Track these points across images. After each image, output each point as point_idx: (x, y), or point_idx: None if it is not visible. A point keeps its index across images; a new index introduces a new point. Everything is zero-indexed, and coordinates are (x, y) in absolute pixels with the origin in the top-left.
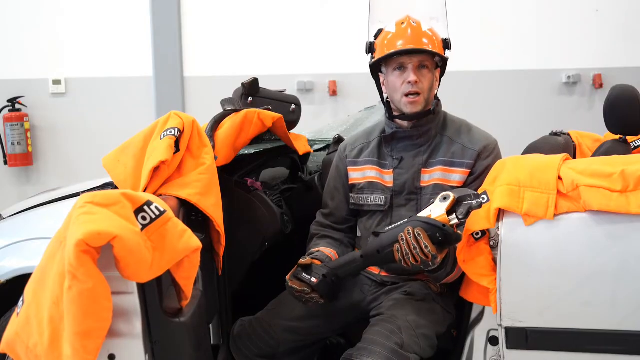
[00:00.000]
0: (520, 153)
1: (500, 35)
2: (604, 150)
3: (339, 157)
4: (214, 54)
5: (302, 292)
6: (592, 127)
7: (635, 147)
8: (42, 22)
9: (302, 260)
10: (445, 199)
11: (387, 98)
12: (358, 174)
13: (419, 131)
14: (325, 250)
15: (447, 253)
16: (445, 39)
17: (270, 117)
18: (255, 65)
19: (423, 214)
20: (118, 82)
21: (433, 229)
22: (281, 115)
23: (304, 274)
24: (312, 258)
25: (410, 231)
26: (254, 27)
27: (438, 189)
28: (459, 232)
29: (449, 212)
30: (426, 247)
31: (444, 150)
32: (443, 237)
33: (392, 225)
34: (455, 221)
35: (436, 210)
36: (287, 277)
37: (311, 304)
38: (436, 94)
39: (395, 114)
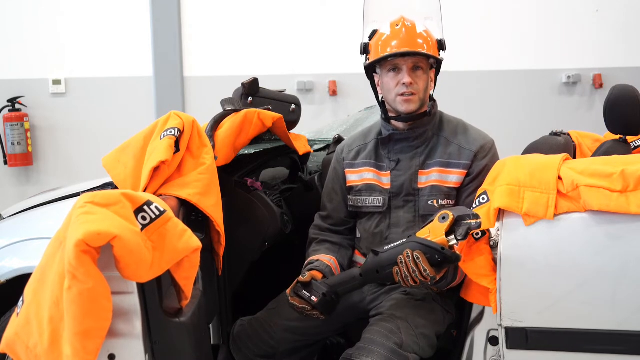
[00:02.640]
0: (520, 153)
1: (500, 35)
2: (604, 150)
3: (336, 159)
4: (214, 54)
5: (302, 310)
6: (592, 127)
7: (635, 147)
8: (42, 23)
9: (301, 278)
10: (444, 218)
11: (383, 99)
12: (355, 176)
13: (415, 133)
14: (324, 258)
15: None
16: (440, 40)
17: (270, 117)
18: (255, 65)
19: (422, 234)
20: (118, 82)
21: (432, 251)
22: (281, 115)
23: (304, 292)
24: (312, 269)
25: (410, 254)
26: (254, 27)
27: (435, 190)
28: (457, 252)
29: (448, 233)
30: (425, 270)
31: (440, 151)
32: (442, 258)
33: (391, 245)
34: (454, 242)
35: (435, 231)
36: (287, 291)
37: (312, 319)
38: (432, 95)
39: (390, 114)
